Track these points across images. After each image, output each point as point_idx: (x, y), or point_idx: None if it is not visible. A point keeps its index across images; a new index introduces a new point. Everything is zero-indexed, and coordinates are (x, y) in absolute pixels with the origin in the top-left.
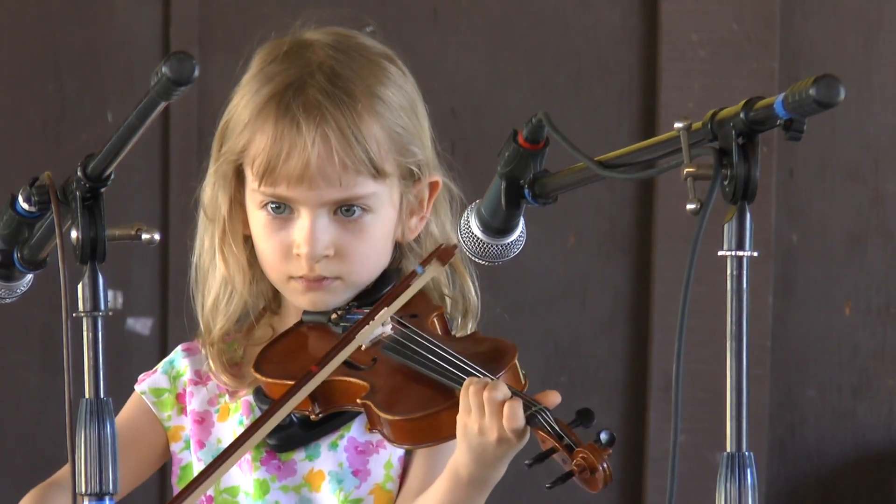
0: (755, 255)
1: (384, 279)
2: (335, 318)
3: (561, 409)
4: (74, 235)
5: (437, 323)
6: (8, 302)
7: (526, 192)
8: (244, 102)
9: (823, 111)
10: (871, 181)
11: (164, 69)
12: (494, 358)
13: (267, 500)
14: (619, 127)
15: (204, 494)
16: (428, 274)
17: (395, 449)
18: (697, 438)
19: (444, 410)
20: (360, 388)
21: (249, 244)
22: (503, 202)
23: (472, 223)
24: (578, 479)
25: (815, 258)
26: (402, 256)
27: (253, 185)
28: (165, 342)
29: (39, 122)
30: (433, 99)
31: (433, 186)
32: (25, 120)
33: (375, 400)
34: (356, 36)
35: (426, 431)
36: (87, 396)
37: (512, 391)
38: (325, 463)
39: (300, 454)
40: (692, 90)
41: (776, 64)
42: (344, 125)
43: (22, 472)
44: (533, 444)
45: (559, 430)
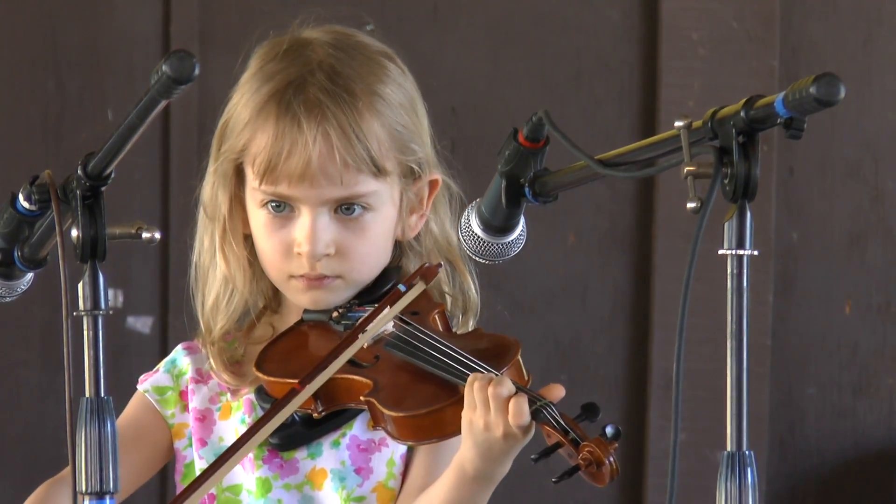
0: (755, 253)
1: (384, 277)
2: (336, 316)
3: (562, 407)
4: (75, 234)
5: (438, 320)
6: (8, 301)
7: (526, 190)
8: (244, 101)
9: (824, 109)
10: (871, 180)
11: (164, 67)
12: (498, 354)
13: (269, 498)
14: (619, 125)
15: (206, 493)
16: (412, 292)
17: (397, 447)
18: (698, 437)
19: (448, 407)
20: (363, 385)
21: (250, 243)
22: (503, 201)
23: (472, 222)
24: (585, 473)
25: (815, 257)
26: (402, 254)
27: (253, 183)
28: (166, 341)
29: (40, 120)
30: (433, 97)
31: (433, 184)
32: (25, 119)
33: (379, 397)
34: (355, 34)
35: (430, 428)
36: (87, 395)
37: (516, 387)
38: (327, 461)
39: (302, 452)
40: (692, 89)
41: (776, 62)
42: (345, 123)
43: (22, 471)
44: (537, 438)
45: (565, 424)
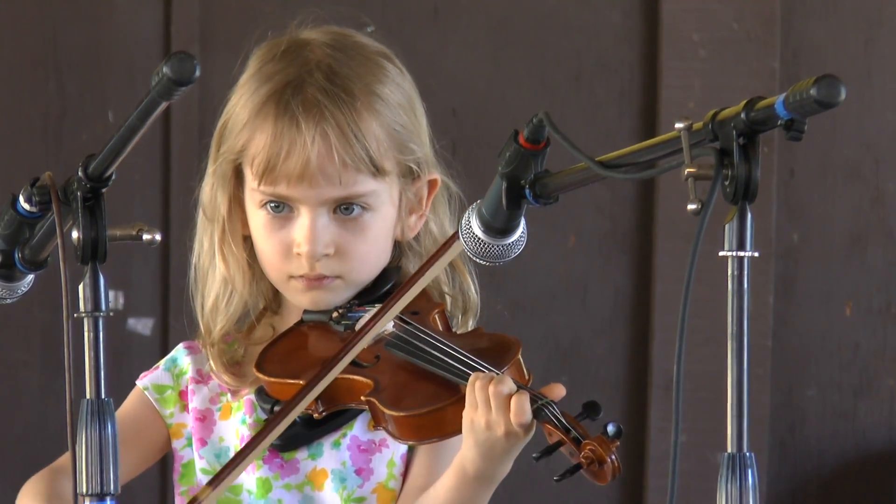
0: (756, 255)
1: (384, 277)
2: (336, 316)
3: (562, 407)
4: (75, 236)
5: (438, 320)
6: (9, 302)
7: (527, 192)
8: (242, 102)
9: (824, 111)
10: (871, 181)
11: (164, 69)
12: (498, 353)
13: (270, 498)
14: (619, 127)
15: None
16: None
17: (397, 447)
18: (698, 438)
19: (449, 406)
20: (364, 385)
21: (249, 244)
22: (504, 202)
23: (473, 223)
24: (587, 471)
25: (815, 258)
26: (401, 255)
27: (252, 184)
28: (166, 342)
29: (40, 122)
30: (433, 98)
31: (432, 184)
32: (26, 120)
33: (380, 397)
34: (353, 35)
35: (432, 427)
36: (87, 397)
37: (518, 385)
38: (327, 461)
39: (303, 453)
40: (693, 90)
41: (777, 64)
42: (343, 123)
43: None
44: (537, 438)
45: (566, 423)
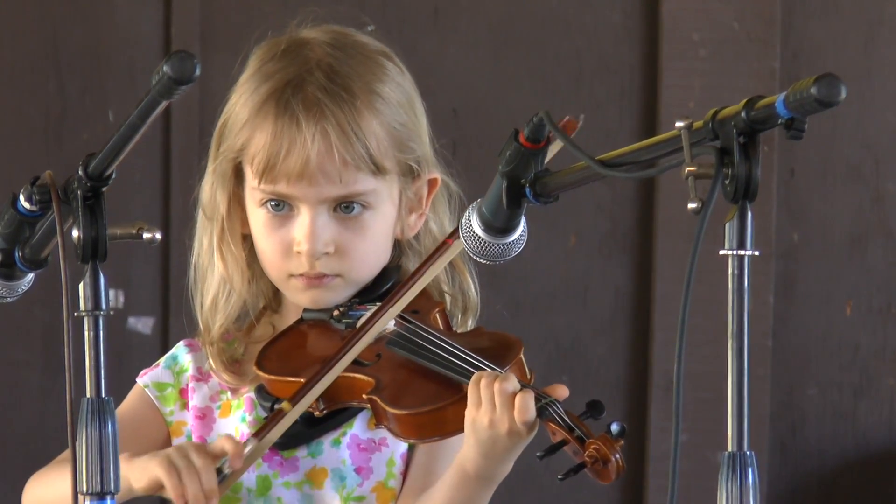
0: (756, 254)
1: (384, 276)
2: (336, 315)
3: (564, 406)
4: (76, 235)
5: (438, 319)
6: (9, 301)
7: (527, 191)
8: (242, 101)
9: (824, 110)
10: (871, 180)
11: (165, 68)
12: (500, 352)
13: (269, 496)
14: (620, 126)
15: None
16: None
17: (397, 446)
18: (698, 438)
19: (451, 404)
20: (365, 383)
21: (248, 243)
22: (504, 201)
23: (473, 222)
24: (590, 470)
25: (816, 258)
26: (401, 254)
27: (252, 182)
28: (167, 341)
29: (40, 121)
30: (434, 98)
31: (432, 183)
32: (26, 119)
33: (382, 395)
34: (353, 34)
35: (433, 426)
36: (88, 396)
37: (521, 384)
38: (327, 460)
39: (303, 451)
40: (693, 89)
41: (777, 63)
42: (343, 122)
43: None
44: (539, 437)
45: (570, 422)
